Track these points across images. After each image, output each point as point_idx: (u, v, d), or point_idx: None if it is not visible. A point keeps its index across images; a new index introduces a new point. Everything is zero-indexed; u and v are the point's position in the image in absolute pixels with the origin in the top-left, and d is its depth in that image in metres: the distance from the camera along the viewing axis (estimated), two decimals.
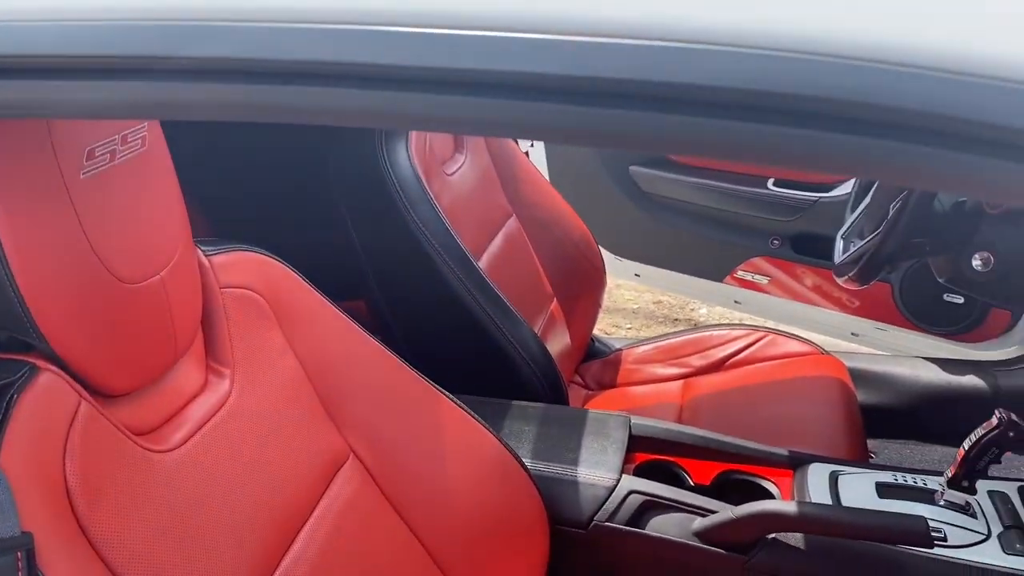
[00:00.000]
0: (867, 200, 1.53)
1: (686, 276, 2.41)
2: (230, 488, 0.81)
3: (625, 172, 2.40)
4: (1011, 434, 1.10)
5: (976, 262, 1.32)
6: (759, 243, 2.27)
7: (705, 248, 2.35)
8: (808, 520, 1.07)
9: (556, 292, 1.77)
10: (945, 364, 1.89)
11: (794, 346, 1.80)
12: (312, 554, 0.87)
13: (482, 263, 1.50)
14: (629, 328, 3.18)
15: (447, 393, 1.06)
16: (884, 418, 1.71)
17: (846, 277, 1.45)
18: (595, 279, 1.89)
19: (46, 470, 0.64)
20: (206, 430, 0.81)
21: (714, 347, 1.84)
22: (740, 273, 2.32)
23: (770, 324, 2.19)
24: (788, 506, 1.08)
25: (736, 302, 2.46)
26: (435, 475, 1.03)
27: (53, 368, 0.68)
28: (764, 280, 2.29)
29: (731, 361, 1.80)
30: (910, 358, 1.92)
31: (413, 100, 0.45)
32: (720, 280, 2.37)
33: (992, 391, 1.81)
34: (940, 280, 1.44)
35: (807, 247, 2.20)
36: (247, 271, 0.92)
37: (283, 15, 0.47)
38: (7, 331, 0.67)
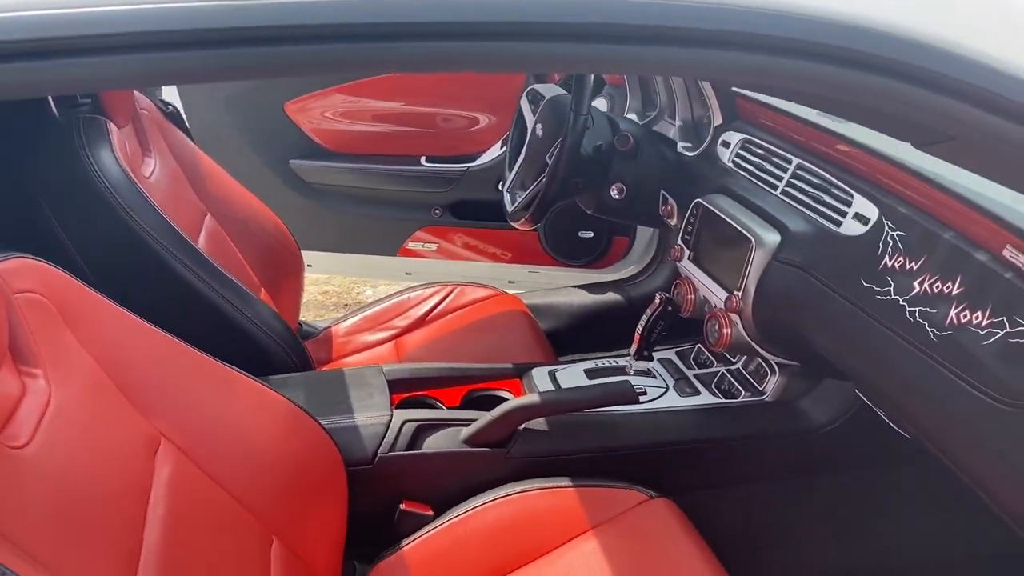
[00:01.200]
0: (521, 157, 1.84)
1: (362, 256, 2.59)
2: (85, 473, 0.84)
3: (286, 166, 2.51)
4: (669, 308, 1.47)
5: (613, 192, 1.70)
6: (423, 215, 2.53)
7: (375, 227, 2.55)
8: (547, 405, 1.34)
9: (262, 282, 1.85)
10: (590, 288, 2.32)
11: (480, 292, 2.08)
12: (159, 531, 0.92)
13: None
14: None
15: (236, 368, 1.14)
16: (563, 340, 2.05)
17: (521, 220, 1.75)
18: (294, 265, 2.00)
19: None
20: (44, 424, 0.83)
21: (413, 307, 2.05)
22: (410, 245, 2.57)
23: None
24: (531, 399, 1.34)
25: (407, 273, 2.70)
26: (241, 441, 1.11)
27: None
28: (433, 247, 2.56)
29: (431, 315, 2.03)
30: (564, 288, 2.32)
31: None
32: (394, 254, 2.59)
33: (627, 300, 2.27)
34: (588, 211, 1.80)
35: (464, 211, 2.51)
36: (31, 276, 0.93)
37: None
38: None
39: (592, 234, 2.43)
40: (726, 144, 1.58)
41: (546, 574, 1.21)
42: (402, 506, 1.31)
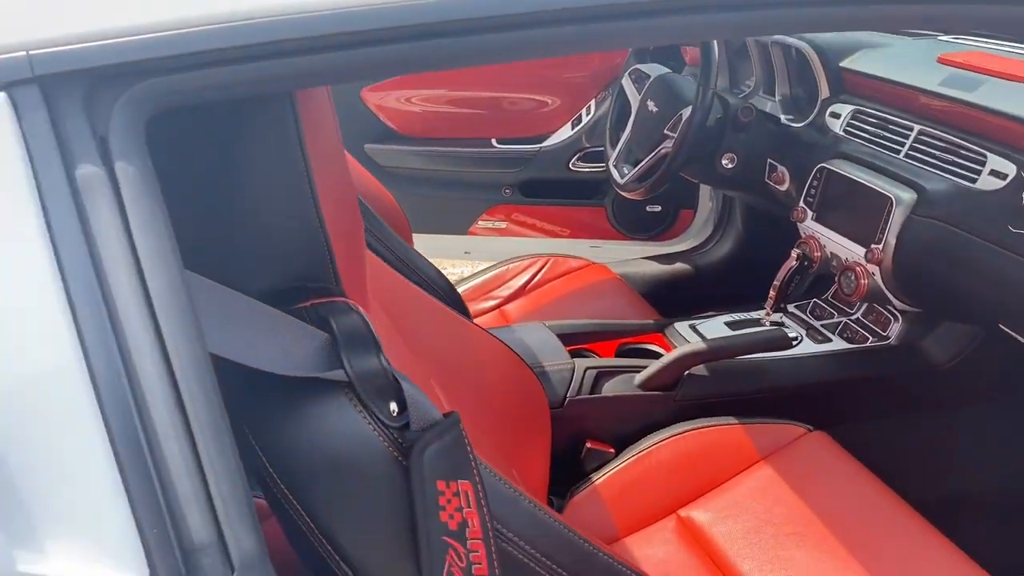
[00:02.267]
0: (627, 132, 1.98)
1: (432, 236, 2.69)
2: None
3: (361, 151, 2.60)
4: (805, 263, 1.62)
5: (725, 162, 1.84)
6: (493, 195, 2.64)
7: (447, 208, 2.66)
8: (713, 350, 1.47)
9: None
10: (659, 259, 2.47)
11: (574, 263, 2.20)
12: None
13: None
14: None
15: (462, 315, 1.26)
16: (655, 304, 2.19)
17: (637, 191, 1.88)
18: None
19: None
20: None
21: (512, 278, 2.17)
22: (482, 223, 2.68)
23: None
24: (698, 345, 1.47)
25: (466, 252, 2.81)
26: (474, 378, 1.22)
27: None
28: (503, 225, 2.68)
29: (531, 285, 2.15)
30: (636, 260, 2.46)
31: None
32: (464, 233, 2.70)
33: (694, 269, 2.43)
34: (695, 180, 1.94)
35: (533, 191, 2.63)
36: None
37: None
38: (320, 283, 0.76)
39: (660, 207, 2.57)
40: (835, 115, 1.74)
41: (726, 502, 1.34)
42: (588, 445, 1.43)
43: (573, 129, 2.53)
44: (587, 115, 2.50)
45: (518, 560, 0.74)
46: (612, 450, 1.44)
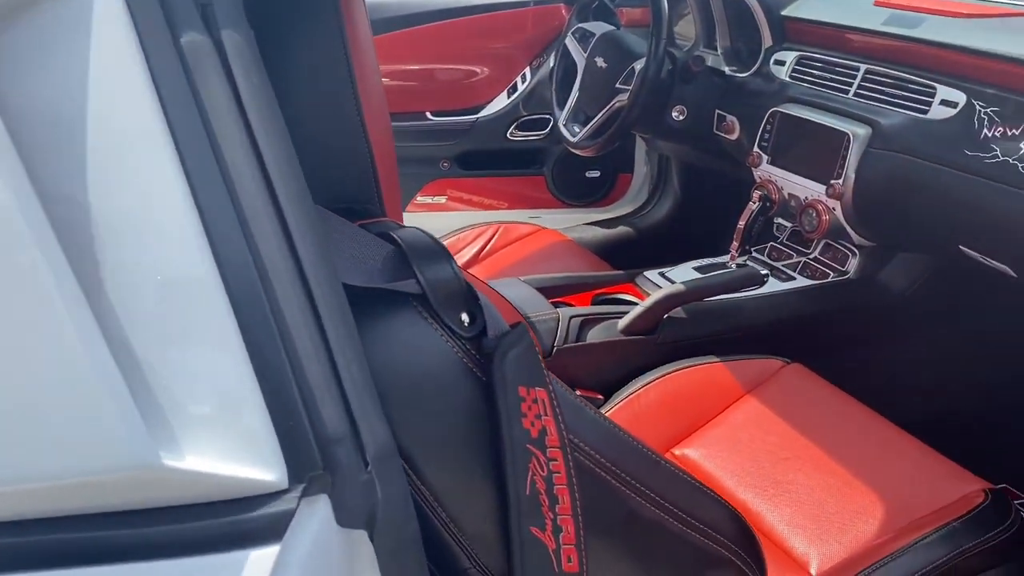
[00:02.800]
0: (575, 91, 1.98)
1: None
2: None
3: None
4: (767, 204, 1.66)
5: (675, 114, 1.87)
6: (431, 169, 2.61)
7: None
8: (690, 291, 1.49)
9: None
10: (601, 224, 2.49)
11: (524, 228, 2.20)
12: None
13: None
14: None
15: None
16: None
17: (590, 148, 1.89)
18: None
19: None
20: None
21: (465, 247, 2.15)
22: (420, 199, 2.64)
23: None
24: (676, 287, 1.49)
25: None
26: None
27: None
28: (443, 199, 2.65)
29: (484, 253, 2.14)
30: (580, 226, 2.48)
31: None
32: (404, 210, 2.66)
33: (636, 232, 2.46)
34: (646, 136, 1.96)
35: (472, 163, 2.61)
36: None
37: None
38: (365, 204, 0.73)
39: (599, 173, 2.59)
40: (780, 63, 1.79)
41: (718, 437, 1.37)
42: (577, 392, 1.42)
43: (509, 98, 2.52)
44: (523, 83, 2.49)
45: (589, 468, 0.73)
46: (600, 396, 1.44)
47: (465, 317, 0.66)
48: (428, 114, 2.58)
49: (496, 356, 0.65)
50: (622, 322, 1.48)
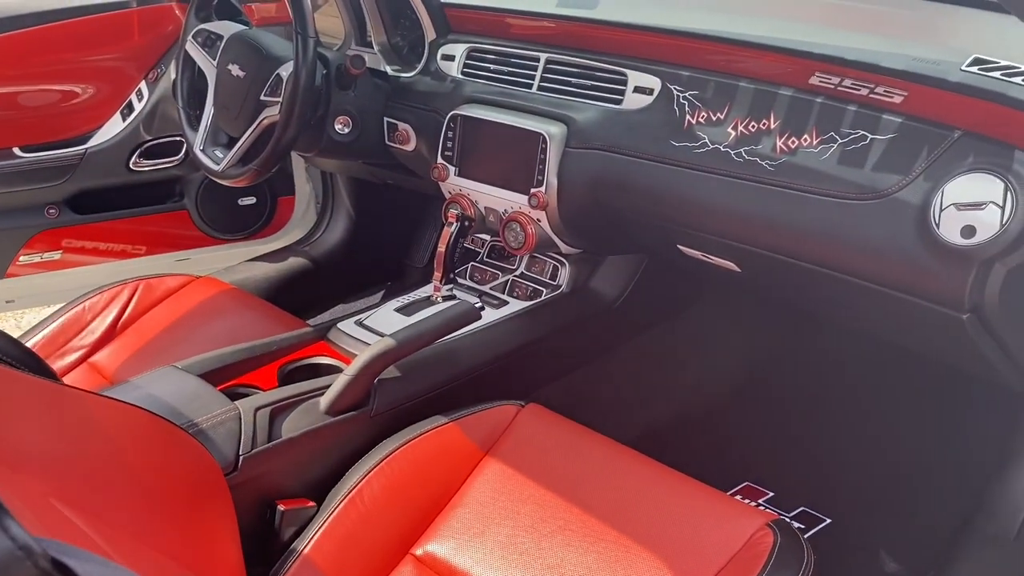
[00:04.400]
0: (210, 107, 1.60)
1: None
2: None
3: None
4: (466, 223, 1.43)
5: (339, 126, 1.57)
6: (33, 219, 2.04)
7: None
8: (401, 346, 1.21)
9: None
10: (267, 258, 2.13)
11: (170, 282, 1.76)
12: None
13: None
14: None
15: (69, 385, 0.83)
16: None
17: (241, 177, 1.52)
18: None
19: None
20: None
21: (95, 319, 1.66)
22: (24, 258, 2.06)
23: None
24: (385, 343, 1.19)
25: (8, 302, 2.18)
26: (115, 470, 0.82)
27: None
28: (56, 255, 2.09)
29: (123, 321, 1.67)
30: (241, 264, 2.09)
31: None
32: (2, 277, 2.06)
33: (311, 262, 2.15)
34: (308, 156, 1.64)
35: (88, 205, 2.09)
36: None
37: None
38: None
39: (254, 199, 2.21)
40: (448, 57, 1.56)
41: (464, 520, 1.12)
42: (281, 507, 1.08)
43: (125, 121, 2.04)
44: (140, 101, 2.02)
45: None
46: (312, 504, 1.11)
47: None
48: (16, 150, 2.00)
49: None
50: (324, 400, 1.15)
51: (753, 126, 1.18)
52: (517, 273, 1.55)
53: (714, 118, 1.22)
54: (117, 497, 0.80)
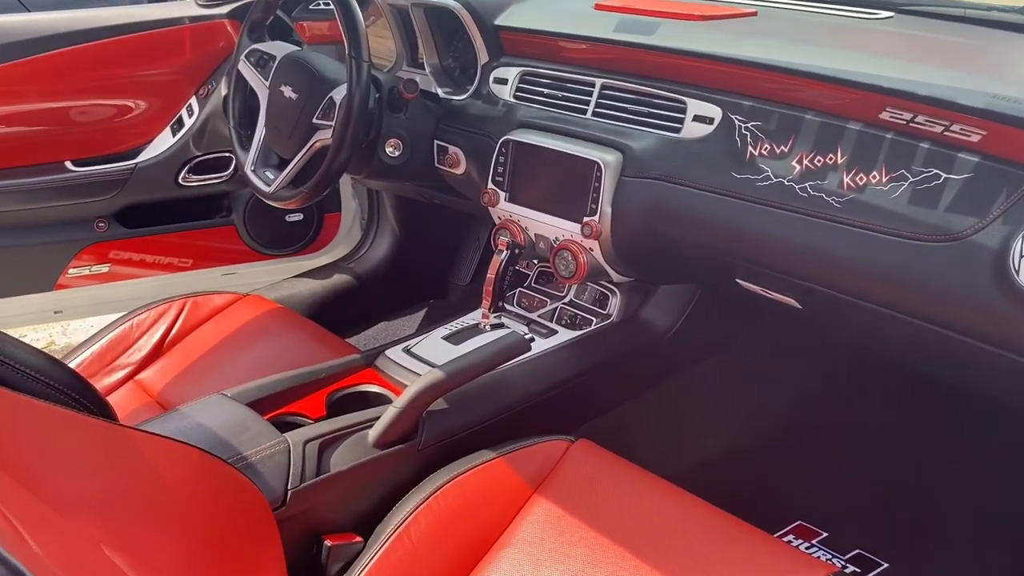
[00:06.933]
0: (262, 128, 1.59)
1: (11, 299, 2.03)
2: None
3: None
4: (516, 252, 1.40)
5: (389, 149, 1.55)
6: (83, 232, 2.06)
7: (22, 260, 2.02)
8: (451, 378, 1.19)
9: None
10: (312, 275, 2.12)
11: (217, 300, 1.76)
12: None
13: None
14: None
15: (120, 424, 0.82)
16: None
17: (293, 199, 1.52)
18: None
19: None
20: None
21: (142, 336, 1.66)
22: (73, 271, 2.08)
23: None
24: (432, 376, 1.17)
25: (56, 312, 2.20)
26: (161, 510, 0.80)
27: None
28: (105, 268, 2.11)
29: (169, 339, 1.67)
30: (288, 281, 2.09)
31: None
32: (52, 288, 2.08)
33: (355, 279, 2.13)
34: (358, 178, 1.63)
35: (137, 219, 2.10)
36: None
37: None
38: None
39: (302, 215, 2.21)
40: (501, 81, 1.54)
41: (515, 561, 1.09)
42: (328, 543, 1.07)
43: (175, 136, 2.05)
44: (190, 117, 2.03)
45: None
46: (359, 539, 1.09)
47: None
48: (69, 164, 2.02)
49: None
50: (373, 432, 1.14)
51: (819, 160, 1.14)
52: (566, 300, 1.52)
53: (778, 151, 1.18)
54: (166, 537, 0.79)
